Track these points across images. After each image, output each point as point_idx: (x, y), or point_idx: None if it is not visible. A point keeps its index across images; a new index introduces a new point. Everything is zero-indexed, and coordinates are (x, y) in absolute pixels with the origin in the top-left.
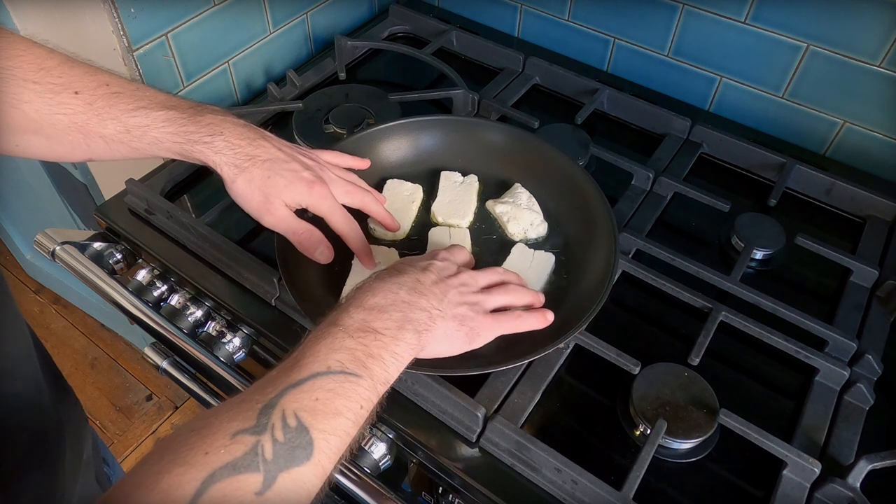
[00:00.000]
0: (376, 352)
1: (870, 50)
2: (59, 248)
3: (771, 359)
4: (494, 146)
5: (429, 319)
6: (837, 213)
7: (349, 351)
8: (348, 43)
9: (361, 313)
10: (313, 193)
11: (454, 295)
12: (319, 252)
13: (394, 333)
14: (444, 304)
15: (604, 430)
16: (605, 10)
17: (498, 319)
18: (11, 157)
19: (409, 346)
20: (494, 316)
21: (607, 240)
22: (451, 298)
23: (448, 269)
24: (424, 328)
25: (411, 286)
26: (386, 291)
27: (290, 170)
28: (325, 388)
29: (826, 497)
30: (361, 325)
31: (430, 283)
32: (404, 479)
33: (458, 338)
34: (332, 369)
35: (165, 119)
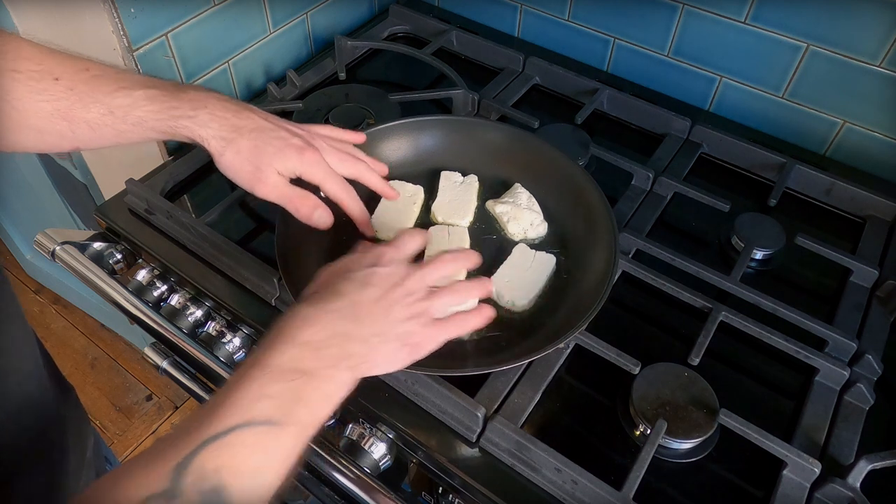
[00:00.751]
0: (306, 395)
1: (870, 50)
2: (59, 248)
3: (771, 359)
4: (494, 146)
5: (367, 351)
6: (837, 213)
7: (275, 398)
8: (348, 43)
9: (292, 350)
10: (304, 159)
11: (399, 310)
12: (318, 216)
13: (328, 373)
14: (386, 324)
15: (604, 430)
16: (605, 10)
17: (442, 328)
18: (10, 156)
19: (342, 385)
20: (439, 324)
21: (607, 240)
22: (395, 316)
23: (393, 276)
24: (362, 361)
25: (350, 313)
26: (322, 323)
27: (279, 137)
28: (245, 444)
29: (826, 497)
30: (291, 366)
31: (371, 303)
32: (404, 479)
33: (400, 358)
34: (255, 420)
35: (147, 97)
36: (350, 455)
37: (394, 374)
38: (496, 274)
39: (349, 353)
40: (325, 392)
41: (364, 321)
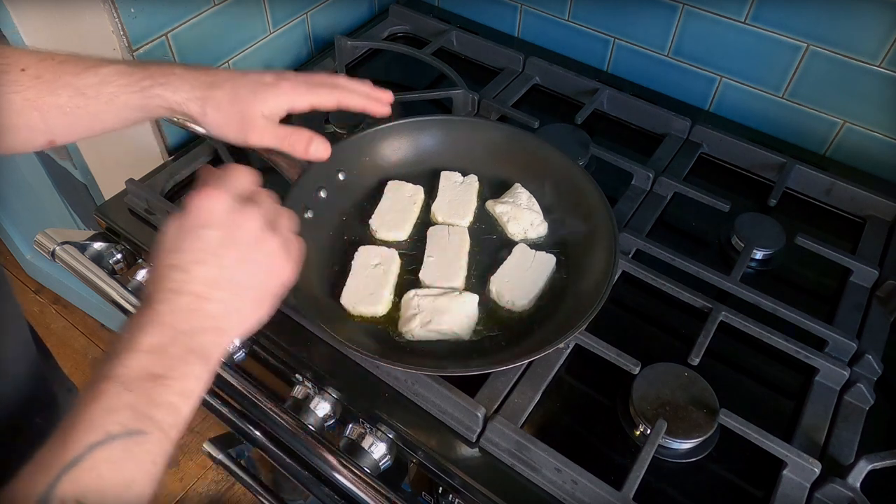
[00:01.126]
0: (161, 398)
1: (870, 50)
2: (59, 248)
3: (771, 359)
4: (494, 146)
5: (218, 335)
6: (837, 213)
7: (129, 407)
8: (348, 43)
9: (138, 357)
10: (281, 90)
11: (243, 276)
12: (315, 147)
13: (180, 372)
14: (236, 295)
15: (604, 430)
16: (605, 10)
17: (289, 253)
18: (10, 156)
19: (198, 379)
20: (286, 253)
21: (607, 240)
22: (239, 282)
23: (220, 242)
24: (215, 347)
25: (189, 306)
26: (163, 325)
27: (251, 81)
28: (107, 460)
29: (826, 497)
30: (140, 373)
31: (209, 286)
32: (404, 479)
33: (262, 314)
34: (113, 434)
35: (115, 73)
36: (350, 455)
37: (393, 374)
38: (496, 274)
39: (198, 345)
40: (181, 390)
41: (209, 309)
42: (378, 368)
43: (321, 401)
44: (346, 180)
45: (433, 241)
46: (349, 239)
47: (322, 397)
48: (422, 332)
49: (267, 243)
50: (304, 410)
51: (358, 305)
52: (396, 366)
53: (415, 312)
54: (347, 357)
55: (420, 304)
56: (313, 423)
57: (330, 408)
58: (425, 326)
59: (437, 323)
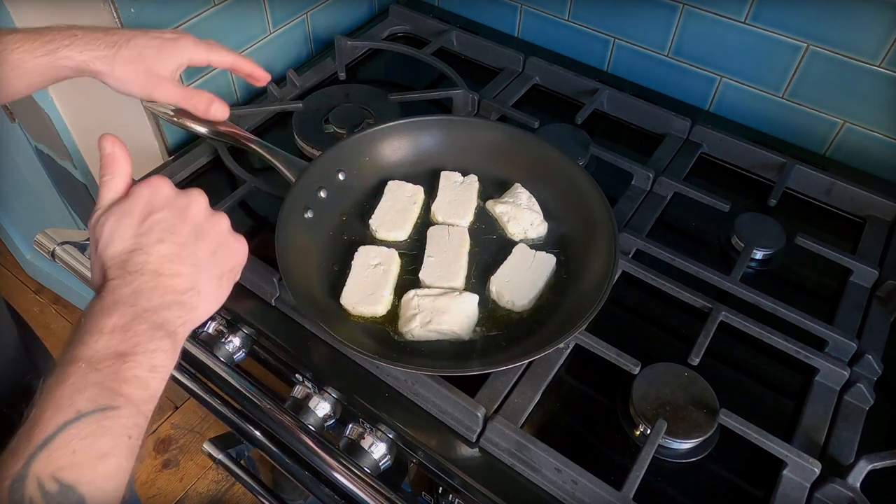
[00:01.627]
0: (129, 374)
1: (870, 50)
2: (59, 248)
3: (771, 359)
4: (494, 146)
5: (181, 310)
6: (837, 213)
7: (97, 385)
8: (348, 43)
9: (102, 340)
10: (182, 45)
11: (202, 248)
12: (214, 108)
13: (145, 348)
14: (195, 272)
15: (604, 430)
16: (605, 10)
17: (238, 236)
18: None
19: (166, 353)
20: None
21: (607, 240)
22: (199, 257)
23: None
24: (181, 322)
25: (150, 283)
26: (124, 307)
27: (154, 38)
28: (80, 436)
29: (826, 497)
30: (106, 354)
31: (170, 262)
32: (404, 479)
33: (222, 292)
34: (83, 411)
35: (19, 38)
36: (350, 455)
37: (393, 374)
38: (496, 274)
39: (164, 320)
40: (149, 365)
41: (170, 284)
42: (378, 368)
43: (321, 401)
44: (346, 180)
45: (433, 241)
46: (349, 239)
47: (322, 397)
48: (422, 332)
49: (218, 222)
50: (304, 410)
51: (358, 305)
52: (396, 366)
53: (415, 312)
54: (347, 357)
55: (420, 304)
56: (313, 423)
57: (330, 408)
58: (425, 326)
59: (437, 323)
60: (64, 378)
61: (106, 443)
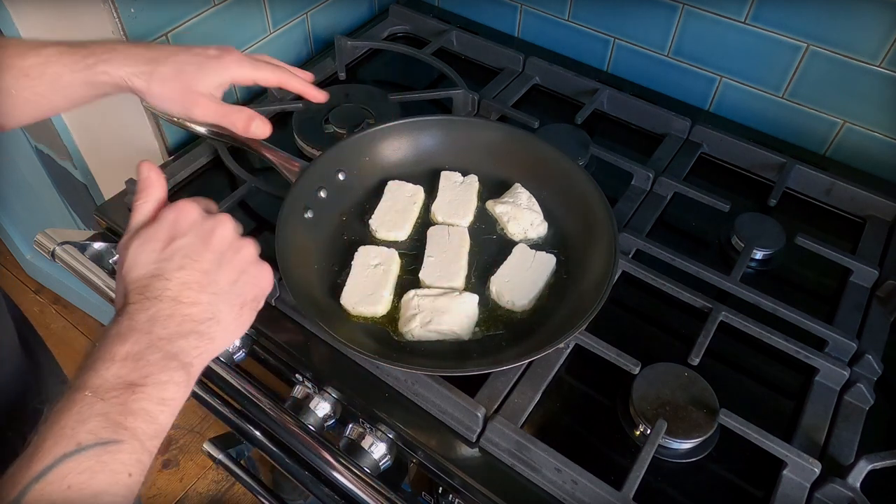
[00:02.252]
0: (137, 406)
1: (870, 50)
2: (59, 248)
3: (771, 359)
4: (494, 146)
5: (199, 340)
6: (837, 213)
7: (102, 416)
8: (348, 43)
9: (113, 367)
10: (224, 64)
11: (224, 276)
12: (255, 126)
13: (157, 379)
14: (216, 301)
15: (604, 430)
16: (605, 10)
17: (264, 261)
18: (10, 156)
19: (178, 386)
20: (261, 260)
21: (607, 240)
22: (221, 285)
23: (197, 243)
24: (197, 353)
25: (168, 311)
26: (138, 333)
27: (196, 55)
28: (77, 471)
29: (826, 497)
30: (115, 384)
31: (189, 289)
32: (404, 479)
33: (243, 322)
34: (84, 444)
35: (58, 52)
36: (350, 455)
37: (393, 374)
38: (496, 274)
39: (179, 349)
40: (158, 398)
41: (189, 312)
42: (378, 368)
43: (321, 401)
44: (346, 180)
45: (433, 241)
46: (349, 239)
47: (322, 397)
48: (422, 332)
49: (243, 248)
50: (304, 410)
51: (358, 305)
52: (396, 366)
53: (415, 312)
54: (347, 357)
55: (420, 304)
56: (313, 423)
57: (330, 408)
58: (425, 326)
59: (437, 323)
60: (69, 406)
61: (103, 480)
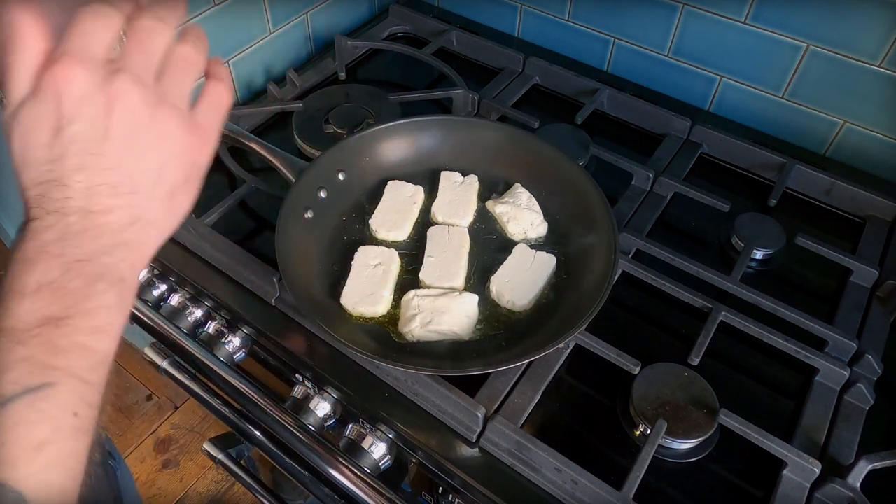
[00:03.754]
0: (65, 343)
1: (870, 50)
2: None
3: (771, 359)
4: (494, 146)
5: (127, 251)
6: (837, 213)
7: (24, 362)
8: (348, 43)
9: (27, 304)
10: None
11: (139, 171)
12: None
13: (84, 308)
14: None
15: (604, 430)
16: (605, 10)
17: (208, 129)
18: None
19: (112, 309)
20: (187, 122)
21: (607, 240)
22: (136, 179)
23: (96, 135)
24: (127, 265)
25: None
26: (49, 255)
27: None
28: (7, 426)
29: (826, 497)
30: (33, 321)
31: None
32: (404, 479)
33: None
34: (8, 396)
35: None
36: (350, 455)
37: (393, 374)
38: (496, 274)
39: (102, 270)
40: (91, 327)
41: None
42: (378, 368)
43: (321, 401)
44: (346, 180)
45: (433, 241)
46: (349, 239)
47: (322, 397)
48: (422, 332)
49: (157, 122)
50: (304, 410)
51: (358, 305)
52: (396, 366)
53: (415, 313)
54: (347, 357)
55: (420, 305)
56: (313, 423)
57: (330, 408)
58: (425, 327)
59: (438, 323)
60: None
61: (42, 429)
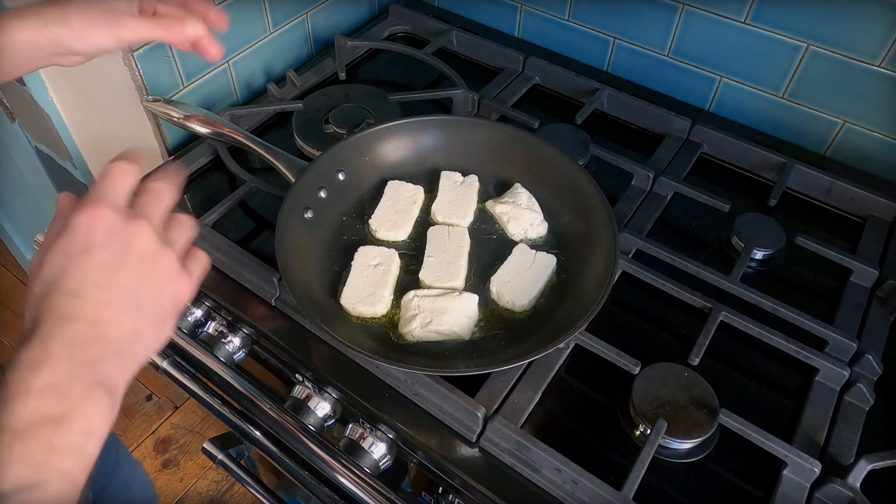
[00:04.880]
0: (63, 443)
1: (870, 50)
2: None
3: (771, 359)
4: (494, 146)
5: (122, 362)
6: (837, 213)
7: (23, 460)
8: (348, 43)
9: (31, 402)
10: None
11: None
12: (191, 25)
13: (82, 410)
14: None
15: (604, 430)
16: (605, 10)
17: (192, 271)
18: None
19: (105, 414)
20: (182, 268)
21: (607, 240)
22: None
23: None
24: (120, 375)
25: (87, 334)
26: (55, 360)
27: None
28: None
29: (826, 497)
30: (34, 419)
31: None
32: (404, 479)
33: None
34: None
35: None
36: (350, 455)
37: (393, 374)
38: (496, 274)
39: (101, 376)
40: (85, 429)
41: (110, 334)
42: (378, 368)
43: (321, 401)
44: (346, 180)
45: (433, 241)
46: (349, 239)
47: (322, 397)
48: (422, 332)
49: (162, 260)
50: (304, 410)
51: (358, 306)
52: (396, 366)
53: (415, 313)
54: (347, 357)
55: (420, 305)
56: (313, 423)
57: (330, 408)
58: (425, 327)
59: (438, 323)
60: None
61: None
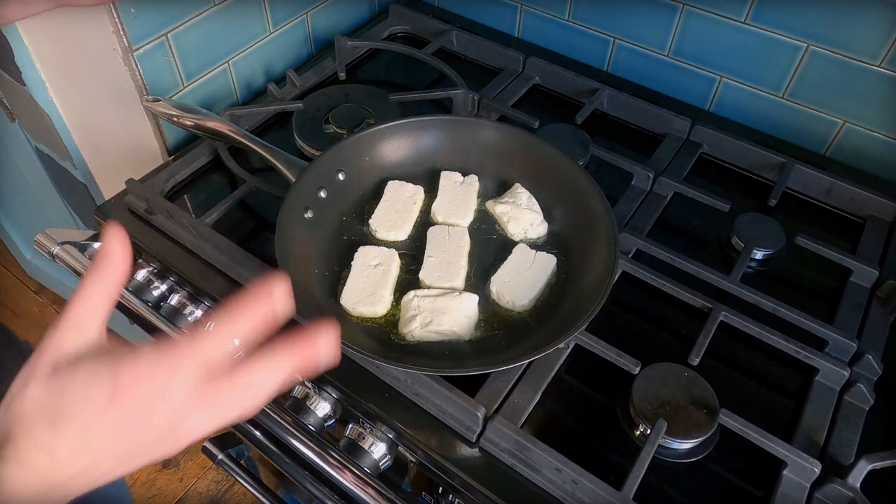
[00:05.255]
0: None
1: (870, 50)
2: (59, 248)
3: (771, 359)
4: (494, 146)
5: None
6: (837, 213)
7: None
8: (348, 43)
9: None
10: None
11: (162, 449)
12: None
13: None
14: (124, 467)
15: (604, 430)
16: (605, 10)
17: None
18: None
19: None
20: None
21: (607, 240)
22: (140, 458)
23: (136, 420)
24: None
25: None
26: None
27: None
28: None
29: (826, 497)
30: None
31: (109, 461)
32: (404, 479)
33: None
34: None
35: None
36: (350, 455)
37: (393, 374)
38: (496, 274)
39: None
40: None
41: (94, 476)
42: (378, 368)
43: (321, 401)
44: (346, 180)
45: (433, 241)
46: (349, 239)
47: (322, 397)
48: (422, 332)
49: (197, 419)
50: (303, 410)
51: (358, 306)
52: (396, 366)
53: (415, 313)
54: (347, 357)
55: (420, 305)
56: (313, 423)
57: (330, 408)
58: (425, 327)
59: (438, 323)
60: None
61: None
